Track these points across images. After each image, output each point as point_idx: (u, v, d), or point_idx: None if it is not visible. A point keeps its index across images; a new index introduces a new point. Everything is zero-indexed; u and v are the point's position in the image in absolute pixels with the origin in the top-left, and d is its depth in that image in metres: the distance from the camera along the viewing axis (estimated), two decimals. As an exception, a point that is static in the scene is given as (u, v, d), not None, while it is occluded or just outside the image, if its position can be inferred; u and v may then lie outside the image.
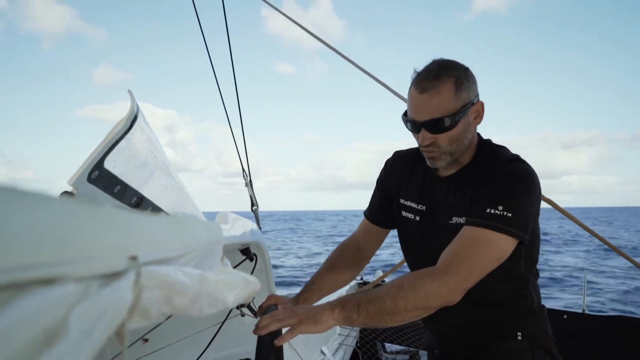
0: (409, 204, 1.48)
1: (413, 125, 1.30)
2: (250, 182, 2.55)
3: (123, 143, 1.10)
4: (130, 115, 1.11)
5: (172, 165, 1.58)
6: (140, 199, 1.31)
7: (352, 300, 1.14)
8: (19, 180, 0.28)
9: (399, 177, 1.53)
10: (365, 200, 1.67)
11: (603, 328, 2.83)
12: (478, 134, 1.40)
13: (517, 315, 1.40)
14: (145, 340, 1.81)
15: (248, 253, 1.48)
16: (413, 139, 1.37)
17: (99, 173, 1.08)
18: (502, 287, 1.35)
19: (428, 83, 1.24)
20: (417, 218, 1.45)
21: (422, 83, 1.25)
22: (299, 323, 1.09)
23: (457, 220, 1.32)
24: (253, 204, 2.56)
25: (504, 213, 1.19)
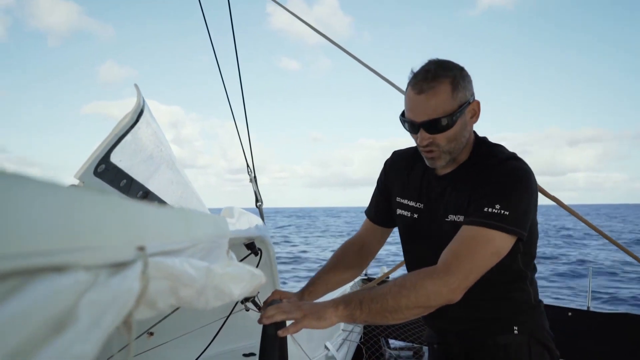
0: (407, 203, 1.50)
1: (411, 126, 1.32)
2: (255, 177, 2.56)
3: (129, 137, 1.10)
4: (137, 110, 1.12)
5: (177, 160, 1.58)
6: (146, 193, 1.31)
7: (355, 298, 1.16)
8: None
9: (398, 176, 1.55)
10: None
11: (608, 325, 2.82)
12: (474, 132, 1.42)
13: (513, 310, 1.41)
14: (151, 334, 1.82)
15: (253, 248, 1.49)
16: None
17: (106, 167, 1.09)
18: (499, 282, 1.37)
19: (425, 84, 1.26)
20: (415, 216, 1.47)
21: (419, 84, 1.27)
22: (304, 317, 1.12)
23: (453, 218, 1.34)
24: (258, 200, 2.57)
25: (502, 211, 1.21)
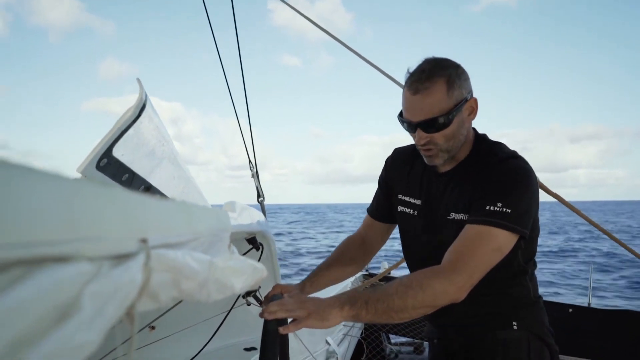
0: (408, 199, 1.50)
1: (409, 126, 1.33)
2: (257, 173, 2.56)
3: (131, 131, 1.10)
4: (139, 104, 1.12)
5: (179, 155, 1.59)
6: (148, 188, 1.32)
7: (360, 298, 1.14)
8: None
9: (399, 173, 1.55)
10: (373, 193, 1.69)
11: (608, 322, 2.82)
12: (474, 129, 1.42)
13: (513, 305, 1.42)
14: (152, 328, 1.83)
15: (254, 242, 1.49)
16: None
17: (108, 161, 1.09)
18: (499, 277, 1.37)
19: (420, 84, 1.26)
20: (415, 213, 1.47)
21: (414, 84, 1.28)
22: (307, 317, 1.10)
23: (454, 217, 1.34)
24: (259, 195, 2.57)
25: (504, 209, 1.22)
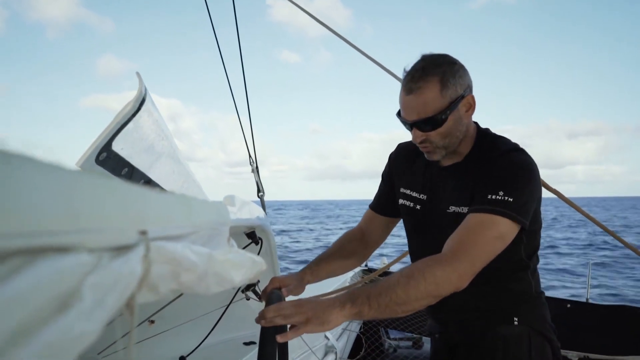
0: (411, 193, 1.51)
1: (405, 124, 1.35)
2: (257, 168, 2.56)
3: (131, 125, 1.10)
4: (139, 98, 1.12)
5: (179, 150, 1.59)
6: (148, 182, 1.32)
7: (361, 294, 1.11)
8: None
9: (402, 167, 1.57)
10: (373, 190, 1.71)
11: (606, 317, 2.83)
12: (476, 124, 1.43)
13: (514, 300, 1.42)
14: (152, 322, 1.83)
15: (254, 237, 1.50)
16: None
17: (107, 155, 1.09)
18: (501, 272, 1.37)
19: (413, 84, 1.28)
20: (417, 207, 1.48)
21: (408, 84, 1.29)
22: (306, 323, 1.06)
23: (454, 210, 1.35)
24: (259, 190, 2.57)
25: (505, 198, 1.22)
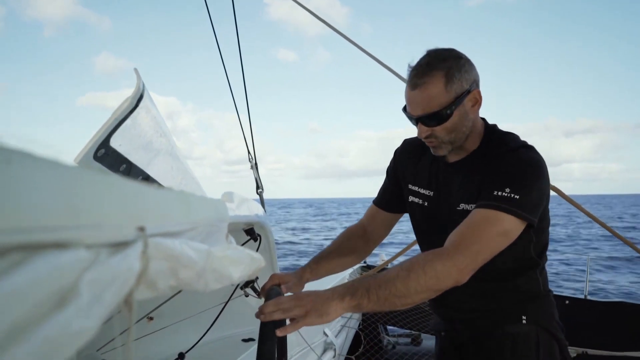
0: (418, 190, 1.49)
1: (410, 120, 1.35)
2: (256, 164, 2.56)
3: (129, 122, 1.10)
4: (136, 94, 1.11)
5: (177, 147, 1.58)
6: (146, 179, 1.31)
7: (360, 286, 1.11)
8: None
9: (408, 163, 1.54)
10: (370, 188, 1.70)
11: (605, 313, 2.84)
12: (484, 120, 1.41)
13: (522, 299, 1.40)
14: (150, 319, 1.83)
15: (252, 233, 1.49)
16: (415, 127, 1.40)
17: (105, 151, 1.09)
18: (509, 270, 1.36)
19: (418, 79, 1.27)
20: (425, 204, 1.46)
21: (413, 79, 1.28)
22: (305, 315, 1.07)
23: (464, 207, 1.33)
24: (258, 187, 2.57)
25: (512, 195, 1.20)
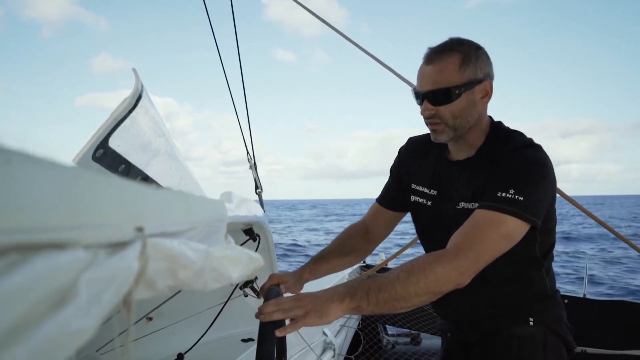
0: (421, 189, 1.47)
1: (416, 96, 1.32)
2: (255, 164, 2.56)
3: (128, 122, 1.10)
4: (135, 94, 1.11)
5: (176, 147, 1.58)
6: (145, 179, 1.31)
7: (360, 289, 1.10)
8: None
9: (412, 162, 1.52)
10: (369, 189, 1.69)
11: (604, 312, 2.84)
12: (490, 117, 1.38)
13: (529, 300, 1.38)
14: (149, 319, 1.83)
15: (251, 233, 1.49)
16: (415, 127, 1.38)
17: (104, 151, 1.09)
18: (516, 271, 1.34)
19: (435, 55, 1.27)
20: (428, 203, 1.44)
21: (430, 55, 1.29)
22: (305, 316, 1.06)
23: (464, 206, 1.31)
24: (257, 187, 2.57)
25: (516, 196, 1.17)
